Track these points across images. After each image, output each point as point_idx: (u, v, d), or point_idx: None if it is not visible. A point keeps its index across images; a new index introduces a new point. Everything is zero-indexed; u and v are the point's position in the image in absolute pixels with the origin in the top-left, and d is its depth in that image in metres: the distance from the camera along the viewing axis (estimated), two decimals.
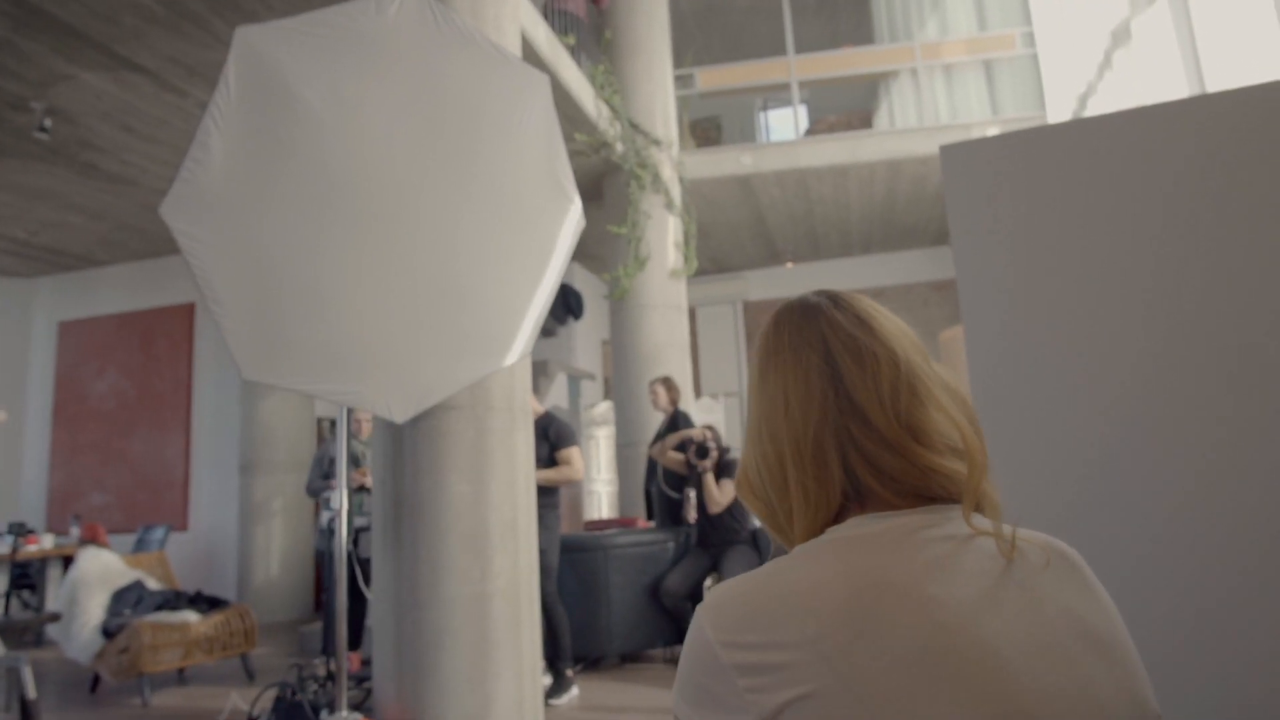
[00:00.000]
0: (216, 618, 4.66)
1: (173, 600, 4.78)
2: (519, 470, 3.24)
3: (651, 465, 5.26)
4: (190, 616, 4.59)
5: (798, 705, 0.58)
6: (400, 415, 2.67)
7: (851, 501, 0.71)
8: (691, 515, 4.90)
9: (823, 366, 0.73)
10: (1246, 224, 1.68)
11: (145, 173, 6.09)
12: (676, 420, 5.12)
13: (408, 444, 3.08)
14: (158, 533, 6.64)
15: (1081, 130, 1.91)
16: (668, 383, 5.25)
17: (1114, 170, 1.84)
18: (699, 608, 0.67)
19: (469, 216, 2.67)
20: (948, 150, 2.03)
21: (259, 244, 2.27)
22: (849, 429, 0.70)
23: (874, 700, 0.57)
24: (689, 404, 6.42)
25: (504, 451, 3.17)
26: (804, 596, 0.63)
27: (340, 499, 2.83)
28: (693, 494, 4.91)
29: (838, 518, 0.72)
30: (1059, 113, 6.10)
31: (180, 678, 4.89)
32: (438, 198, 2.59)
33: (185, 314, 7.84)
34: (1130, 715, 0.64)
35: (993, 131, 6.57)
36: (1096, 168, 1.86)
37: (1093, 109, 5.26)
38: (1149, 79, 4.30)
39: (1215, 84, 3.68)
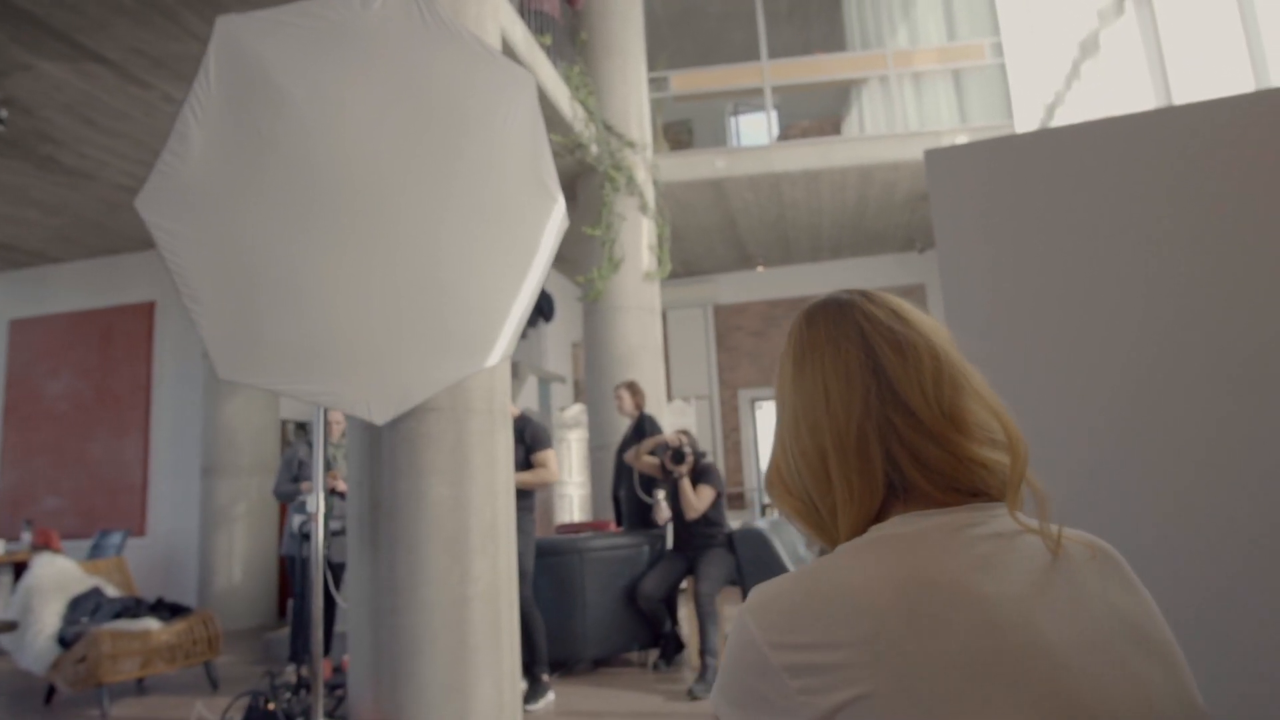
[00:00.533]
0: (179, 625, 4.53)
1: (133, 608, 4.64)
2: (499, 473, 3.20)
3: (619, 469, 5.22)
4: (151, 624, 4.46)
5: (854, 706, 0.57)
6: (380, 417, 2.62)
7: (893, 496, 0.71)
8: (661, 518, 4.88)
9: (863, 358, 0.72)
10: (1228, 230, 1.71)
11: (105, 167, 5.91)
12: (643, 424, 5.09)
13: (386, 446, 3.02)
14: (114, 538, 6.45)
15: (1065, 137, 1.94)
16: (632, 387, 5.21)
17: (1098, 176, 1.87)
18: (743, 608, 0.66)
19: (452, 214, 2.63)
20: (932, 155, 2.05)
21: (238, 240, 2.21)
22: (891, 420, 0.70)
23: (933, 700, 0.57)
24: (661, 407, 6.41)
25: (484, 454, 3.13)
26: (856, 595, 0.62)
27: (316, 502, 2.76)
28: (662, 496, 4.90)
29: (879, 515, 0.71)
30: (1026, 122, 6.22)
31: (140, 688, 4.74)
32: (421, 195, 2.54)
33: (144, 313, 7.63)
34: (1181, 713, 0.63)
35: (962, 139, 6.68)
36: (1080, 174, 1.89)
37: (1060, 119, 5.37)
38: (1117, 90, 4.40)
39: (1181, 96, 3.77)
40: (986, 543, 0.66)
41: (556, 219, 2.91)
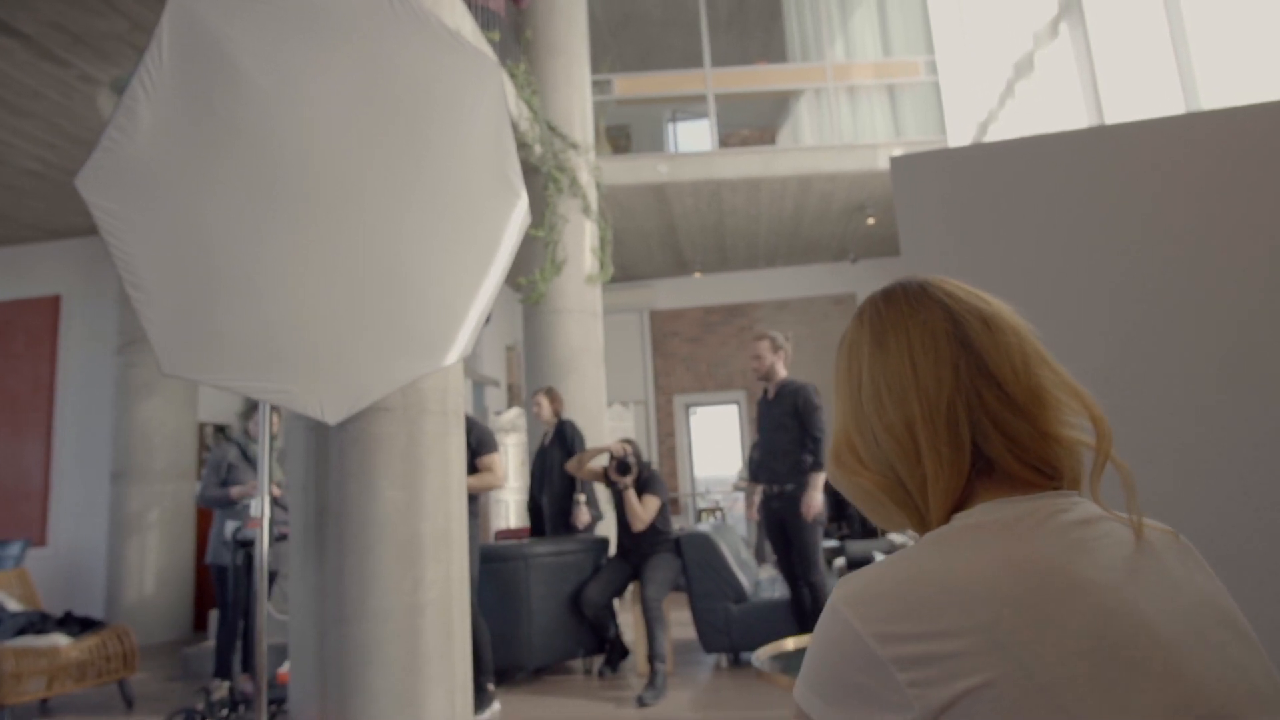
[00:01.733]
0: (90, 641, 4.24)
1: (38, 622, 4.31)
2: (452, 476, 3.10)
3: (539, 475, 5.15)
4: (59, 640, 4.15)
5: (974, 695, 0.55)
6: (333, 417, 2.49)
7: (977, 475, 0.69)
8: (581, 521, 4.84)
9: (950, 330, 0.71)
10: (1193, 237, 1.78)
11: (10, 148, 5.51)
12: (563, 430, 5.05)
13: (335, 448, 2.88)
14: (12, 548, 6.00)
15: (1032, 146, 1.99)
16: (551, 393, 5.16)
17: (1063, 185, 1.93)
18: (835, 600, 0.63)
19: (415, 207, 2.53)
20: (898, 162, 2.08)
21: (189, 226, 2.06)
22: (981, 394, 0.69)
23: (1057, 686, 0.55)
24: (601, 412, 6.37)
25: (437, 456, 3.02)
26: (968, 582, 0.60)
27: (261, 507, 2.61)
28: (583, 499, 4.86)
29: (961, 501, 0.70)
30: (960, 138, 6.44)
31: (44, 709, 4.41)
32: (384, 186, 2.43)
33: (49, 307, 7.15)
34: (1274, 696, 0.64)
35: (898, 152, 6.86)
36: (1045, 182, 1.94)
37: (993, 135, 5.58)
38: (1050, 109, 4.59)
39: (1113, 116, 3.95)
40: (1076, 529, 0.65)
41: (519, 215, 2.83)
